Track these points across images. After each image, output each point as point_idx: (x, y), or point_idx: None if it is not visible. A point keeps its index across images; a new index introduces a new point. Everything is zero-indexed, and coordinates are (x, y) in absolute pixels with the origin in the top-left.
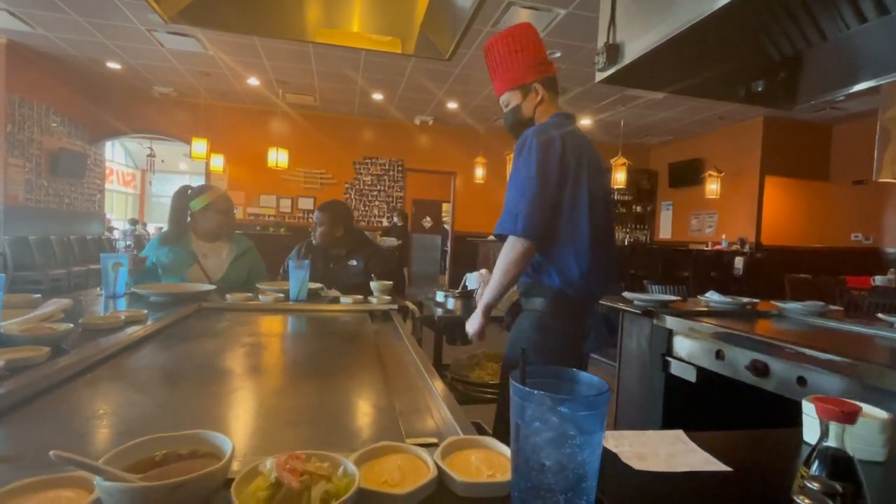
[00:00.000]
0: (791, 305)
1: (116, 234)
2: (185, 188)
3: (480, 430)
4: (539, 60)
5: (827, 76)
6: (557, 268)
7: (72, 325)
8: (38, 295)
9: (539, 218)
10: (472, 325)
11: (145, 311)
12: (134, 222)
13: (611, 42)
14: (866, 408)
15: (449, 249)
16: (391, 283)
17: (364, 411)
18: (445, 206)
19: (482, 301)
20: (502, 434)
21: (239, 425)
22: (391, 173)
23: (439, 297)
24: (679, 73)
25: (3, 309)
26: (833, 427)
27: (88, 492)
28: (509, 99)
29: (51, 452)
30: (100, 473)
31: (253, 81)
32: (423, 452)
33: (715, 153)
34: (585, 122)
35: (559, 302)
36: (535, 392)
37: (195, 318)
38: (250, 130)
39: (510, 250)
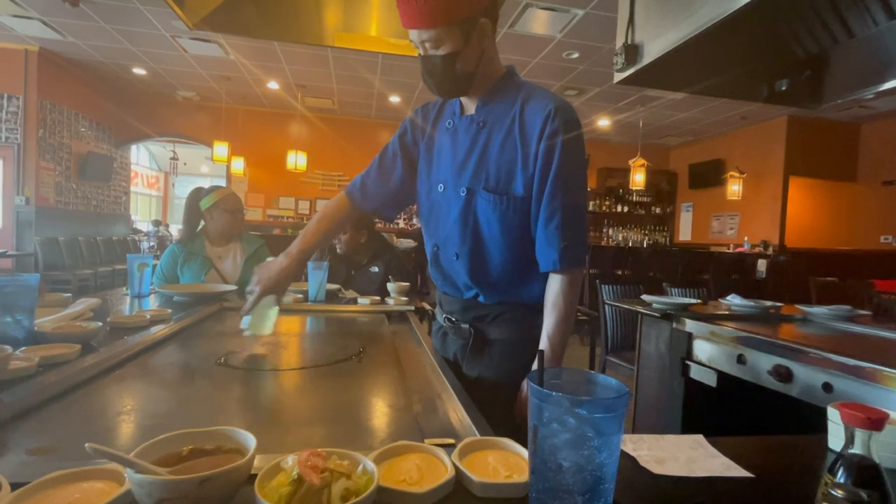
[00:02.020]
0: (816, 309)
1: (139, 236)
2: (197, 189)
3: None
4: None
5: (855, 74)
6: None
7: (100, 324)
8: (69, 294)
9: None
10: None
11: (169, 311)
12: (157, 223)
13: (629, 42)
14: (894, 415)
15: None
16: (408, 284)
17: (382, 411)
18: None
19: (552, 355)
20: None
21: (259, 422)
22: None
23: None
24: (700, 73)
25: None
26: (859, 434)
27: (119, 484)
28: (440, 39)
29: (86, 445)
30: (131, 466)
31: (273, 85)
32: (440, 452)
33: (737, 153)
34: (603, 122)
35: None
36: (554, 394)
37: (216, 318)
38: (270, 133)
39: (575, 282)
